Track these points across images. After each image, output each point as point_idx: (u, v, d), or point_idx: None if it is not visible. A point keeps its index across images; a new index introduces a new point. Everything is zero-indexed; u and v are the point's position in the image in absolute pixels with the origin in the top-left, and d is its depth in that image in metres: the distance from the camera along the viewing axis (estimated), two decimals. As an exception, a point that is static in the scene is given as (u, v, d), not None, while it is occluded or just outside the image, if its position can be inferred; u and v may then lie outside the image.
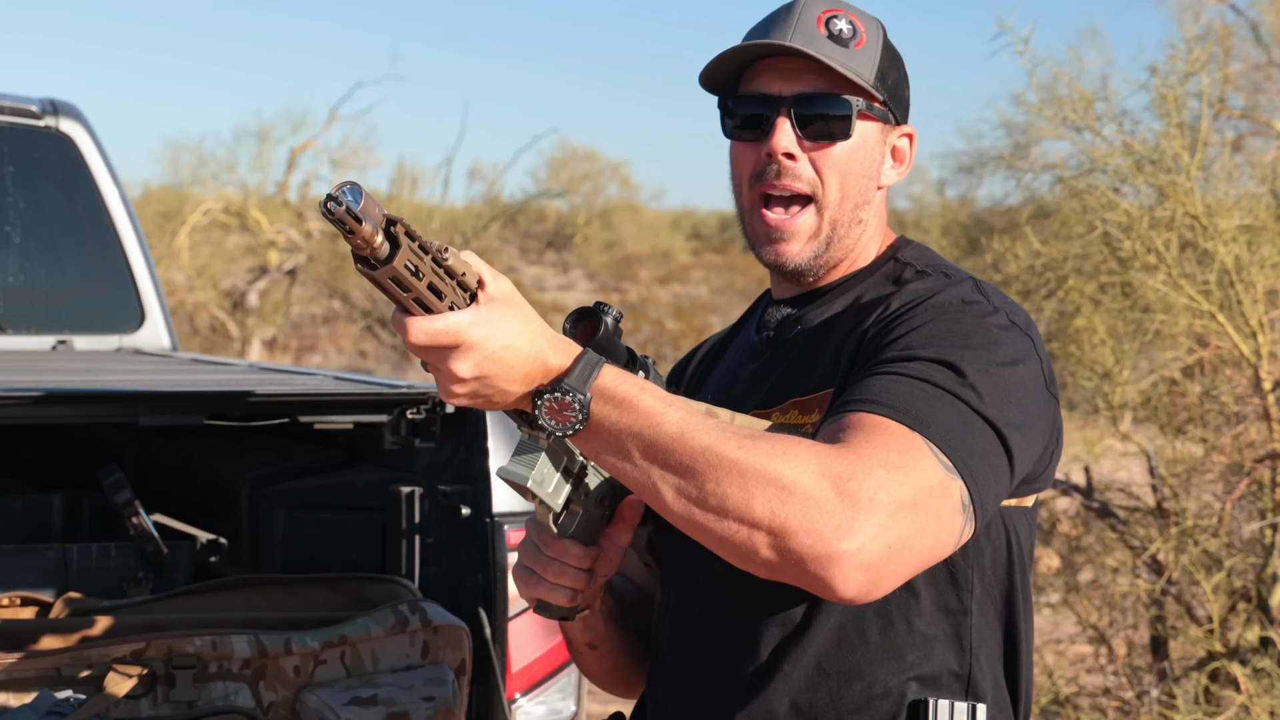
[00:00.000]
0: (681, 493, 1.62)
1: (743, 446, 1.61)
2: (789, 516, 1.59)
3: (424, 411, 3.16)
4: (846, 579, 1.59)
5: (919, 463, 1.64)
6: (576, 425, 1.63)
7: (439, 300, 1.58)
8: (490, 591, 3.11)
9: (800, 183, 1.89)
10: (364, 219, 1.49)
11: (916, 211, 20.51)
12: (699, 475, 1.61)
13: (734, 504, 1.60)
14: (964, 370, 1.73)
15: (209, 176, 21.89)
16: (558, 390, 1.63)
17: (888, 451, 1.64)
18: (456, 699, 2.92)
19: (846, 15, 1.91)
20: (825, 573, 1.59)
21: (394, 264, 1.53)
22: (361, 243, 1.51)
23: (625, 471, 1.65)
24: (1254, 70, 11.82)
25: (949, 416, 1.69)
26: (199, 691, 2.80)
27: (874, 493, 1.60)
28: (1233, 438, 5.67)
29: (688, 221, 35.20)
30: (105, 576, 3.32)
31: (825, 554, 1.58)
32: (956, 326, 1.78)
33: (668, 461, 1.62)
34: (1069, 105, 5.73)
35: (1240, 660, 5.24)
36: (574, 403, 1.63)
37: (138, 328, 4.79)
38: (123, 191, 4.90)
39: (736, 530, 1.61)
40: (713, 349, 2.12)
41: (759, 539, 1.60)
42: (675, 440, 1.62)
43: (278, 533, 3.56)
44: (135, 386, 3.33)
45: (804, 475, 1.59)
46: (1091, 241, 5.90)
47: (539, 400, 1.64)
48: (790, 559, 1.60)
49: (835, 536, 1.58)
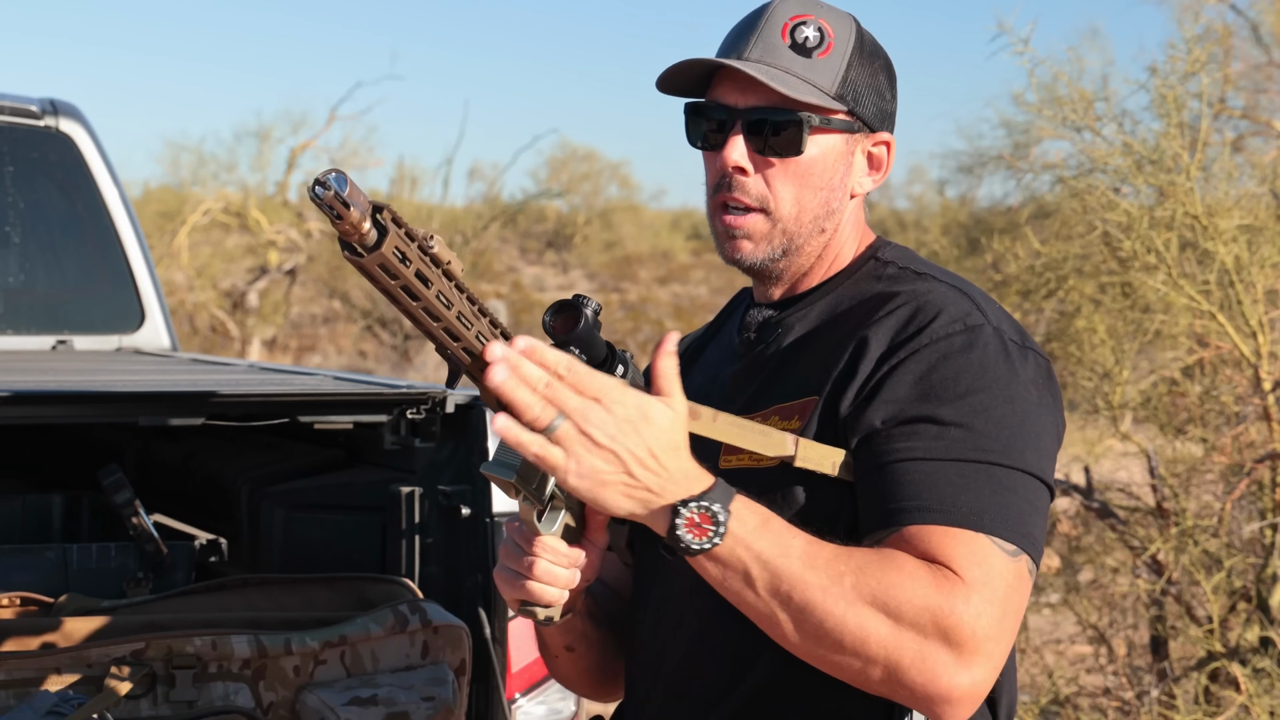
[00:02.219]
0: (800, 626, 1.66)
1: (857, 586, 1.65)
2: (902, 655, 1.64)
3: (424, 411, 3.16)
4: (958, 712, 1.68)
5: (994, 565, 1.69)
6: (714, 540, 1.64)
7: (426, 288, 1.57)
8: (490, 591, 3.11)
9: (749, 198, 1.88)
10: (351, 204, 1.49)
11: (916, 211, 20.54)
12: (818, 612, 1.64)
13: (850, 642, 1.65)
14: (988, 429, 1.74)
15: (209, 176, 21.90)
16: (703, 502, 1.63)
17: (972, 564, 1.68)
18: (456, 699, 2.92)
19: (816, 21, 1.88)
20: (939, 708, 1.67)
21: (382, 250, 1.52)
22: (349, 228, 1.51)
23: (743, 597, 1.67)
24: (1254, 70, 11.83)
25: (994, 492, 1.73)
26: (199, 691, 2.80)
27: (975, 623, 1.66)
28: (1233, 438, 5.67)
29: (688, 221, 35.18)
30: (105, 576, 3.32)
31: (937, 693, 1.66)
32: (967, 366, 1.77)
33: (790, 595, 1.65)
34: (1069, 105, 5.73)
35: (1240, 660, 5.24)
36: (718, 515, 1.63)
37: (138, 328, 4.79)
38: (123, 191, 4.90)
39: (851, 662, 1.66)
40: (691, 347, 2.11)
41: (874, 671, 1.66)
42: (799, 574, 1.65)
43: (278, 533, 3.56)
44: (135, 386, 3.33)
45: (912, 608, 1.64)
46: (1091, 241, 5.90)
47: (682, 509, 1.63)
48: (903, 691, 1.67)
49: (946, 674, 1.65)
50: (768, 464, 1.82)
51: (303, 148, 21.93)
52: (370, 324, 20.79)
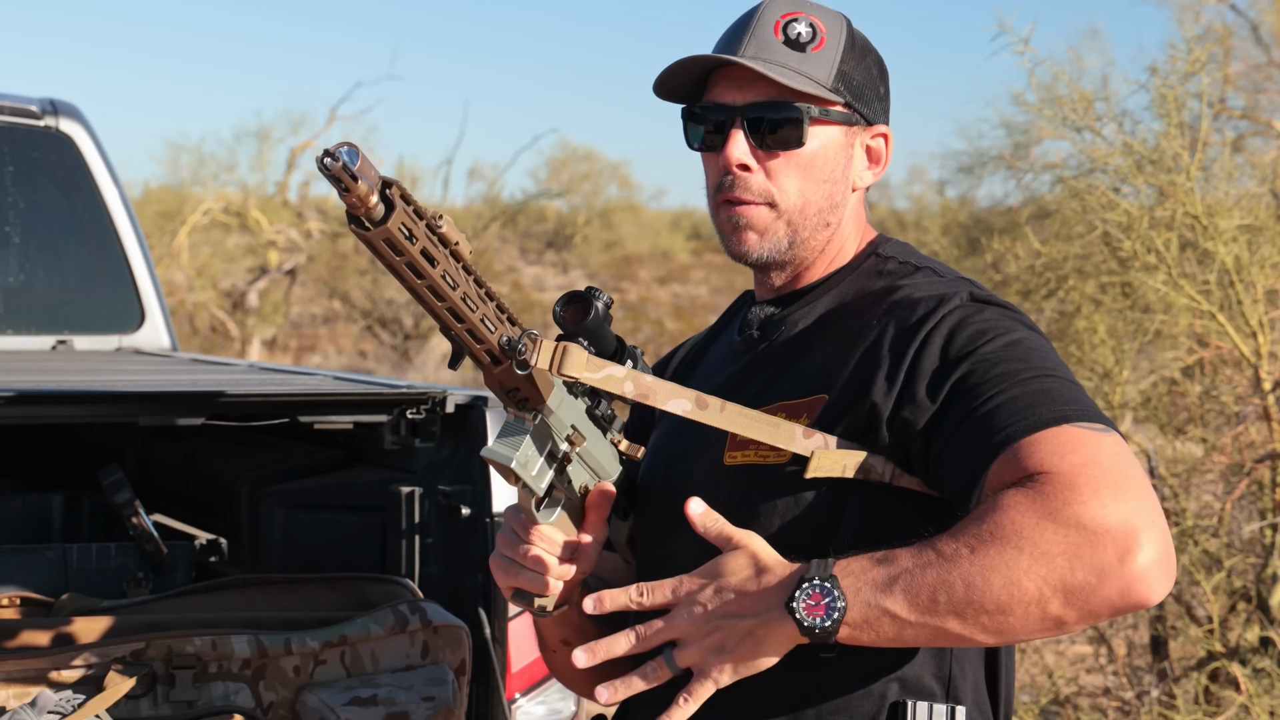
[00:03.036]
0: (963, 617, 1.62)
1: (985, 540, 1.61)
2: (1064, 575, 1.59)
3: (424, 411, 3.16)
4: (1153, 586, 1.60)
5: (1104, 446, 1.65)
6: (839, 607, 1.63)
7: (431, 266, 1.55)
8: (490, 591, 3.11)
9: (751, 194, 1.88)
10: (360, 177, 1.48)
11: (916, 211, 20.54)
12: (970, 596, 1.61)
13: (1017, 597, 1.60)
14: (1027, 356, 1.75)
15: (209, 176, 21.90)
16: (808, 581, 1.64)
17: (1076, 456, 1.64)
18: (456, 699, 2.92)
19: (807, 17, 1.90)
20: (1133, 594, 1.59)
21: (388, 225, 1.51)
22: (356, 201, 1.49)
23: (906, 636, 1.65)
24: (1254, 70, 11.84)
25: (1059, 396, 1.70)
26: (199, 691, 2.80)
27: (1111, 504, 1.60)
28: (1233, 438, 5.67)
29: (688, 221, 35.19)
30: (105, 576, 3.32)
31: (1122, 580, 1.59)
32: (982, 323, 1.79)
33: (935, 602, 1.62)
34: (1069, 105, 5.73)
35: (1240, 660, 5.24)
36: (826, 586, 1.64)
37: (138, 328, 4.79)
38: (123, 191, 4.90)
39: (1035, 613, 1.61)
40: (693, 350, 2.11)
41: (1053, 609, 1.60)
42: (937, 577, 1.62)
43: (278, 533, 3.56)
44: (135, 386, 3.33)
45: (1043, 531, 1.59)
46: (1091, 241, 5.90)
47: (795, 596, 1.64)
48: (1093, 607, 1.60)
49: (1121, 558, 1.58)
50: (774, 460, 1.82)
51: (303, 148, 21.93)
52: (370, 324, 20.79)
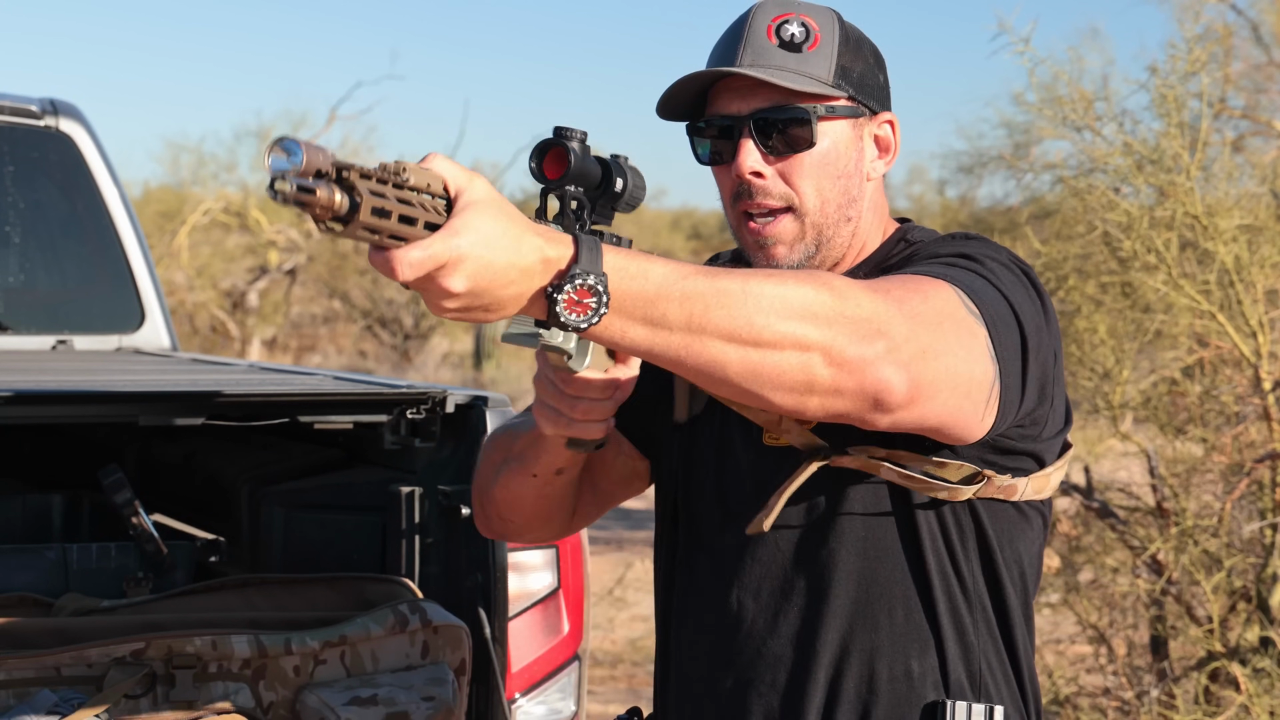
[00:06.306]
0: (733, 338, 1.58)
1: (771, 277, 1.61)
2: (836, 332, 1.59)
3: (424, 411, 3.16)
4: (891, 377, 1.61)
5: (941, 293, 1.68)
6: (602, 310, 1.54)
7: (413, 227, 1.48)
8: (490, 591, 3.11)
9: (772, 199, 1.89)
10: (316, 186, 1.41)
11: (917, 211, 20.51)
12: (746, 314, 1.57)
13: (787, 331, 1.58)
14: (977, 257, 1.79)
15: (209, 176, 21.91)
16: (573, 280, 1.53)
17: (906, 282, 1.68)
18: (456, 699, 2.92)
19: (798, 18, 1.90)
20: (875, 373, 1.60)
21: (359, 216, 1.44)
22: (322, 210, 1.42)
23: (662, 340, 1.58)
24: (1254, 70, 11.83)
25: (965, 276, 1.74)
26: (199, 691, 2.80)
27: (884, 305, 1.62)
28: (1233, 438, 5.66)
29: (688, 221, 35.16)
30: (105, 576, 3.32)
31: (870, 356, 1.60)
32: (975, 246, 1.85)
33: (708, 312, 1.57)
34: (1069, 105, 5.72)
35: (1240, 660, 5.24)
36: (596, 285, 1.53)
37: (138, 328, 4.78)
38: (123, 191, 4.89)
39: (795, 358, 1.59)
40: None
41: (814, 361, 1.59)
42: (709, 288, 1.58)
43: (278, 533, 3.57)
44: (135, 386, 3.33)
45: (829, 293, 1.61)
46: (1091, 241, 5.90)
47: (556, 296, 1.53)
48: (845, 372, 1.60)
49: (866, 339, 1.60)
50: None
51: (303, 148, 21.88)
52: (370, 324, 20.80)
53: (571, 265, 1.53)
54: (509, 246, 1.51)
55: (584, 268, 1.53)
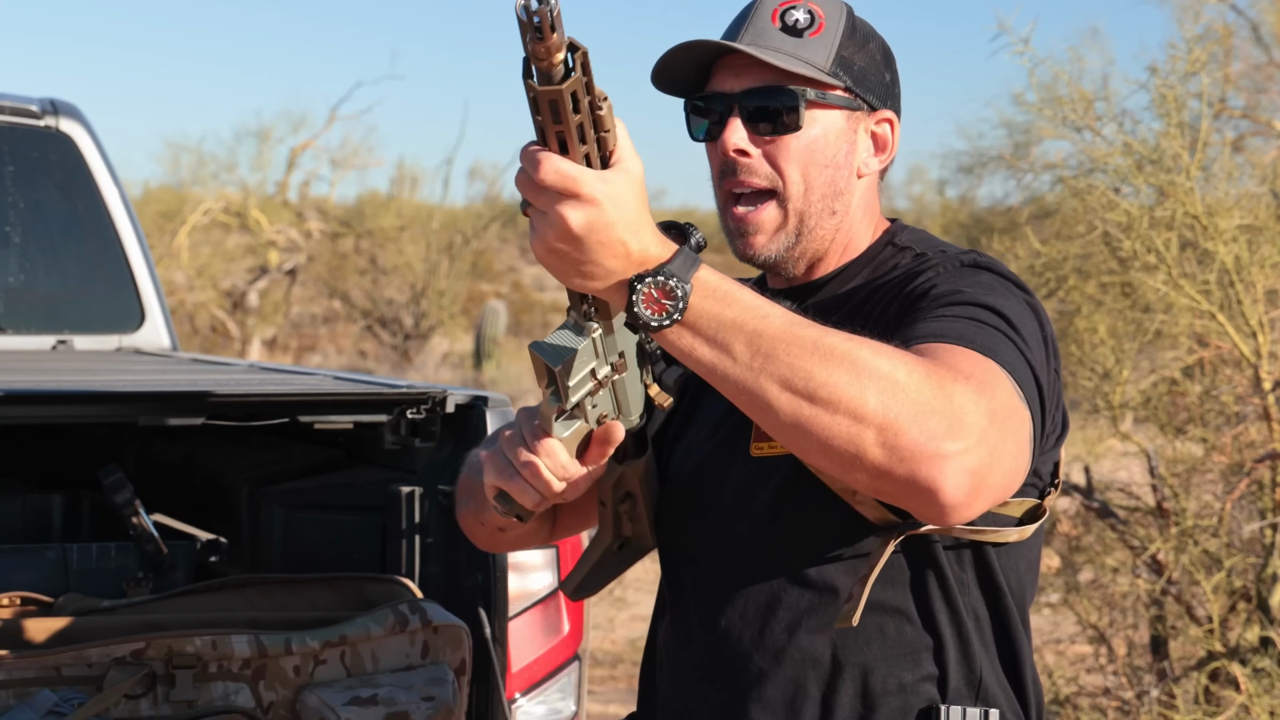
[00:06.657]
0: (788, 386, 1.56)
1: (850, 340, 1.58)
2: (901, 412, 1.54)
3: (424, 411, 3.16)
4: (956, 481, 1.56)
5: (1000, 381, 1.64)
6: (675, 315, 1.55)
7: (580, 145, 1.51)
8: (490, 591, 3.11)
9: (757, 178, 1.88)
10: (557, 28, 1.42)
11: (916, 211, 20.54)
12: (809, 367, 1.55)
13: (846, 396, 1.54)
14: (1008, 315, 1.74)
15: (209, 176, 21.92)
16: (660, 275, 1.55)
17: (973, 367, 1.63)
18: (456, 699, 2.92)
19: (805, 4, 1.89)
20: (936, 471, 1.55)
21: (561, 87, 1.45)
22: (544, 51, 1.43)
23: (724, 367, 1.57)
24: (1254, 70, 11.84)
25: (1009, 352, 1.70)
26: (199, 691, 2.80)
27: (972, 401, 1.58)
28: (1233, 438, 5.66)
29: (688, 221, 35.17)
30: (105, 576, 3.32)
31: (936, 452, 1.54)
32: (975, 278, 1.80)
33: (774, 353, 1.56)
34: (1069, 105, 5.73)
35: (1240, 660, 5.24)
36: (676, 290, 1.55)
37: (138, 328, 4.78)
38: (123, 191, 4.89)
39: (847, 427, 1.55)
40: None
41: (868, 436, 1.54)
42: (783, 331, 1.57)
43: (278, 533, 3.56)
44: (135, 386, 3.33)
45: (913, 376, 1.56)
46: (1091, 241, 5.90)
47: (638, 285, 1.55)
48: (900, 456, 1.55)
49: (946, 435, 1.55)
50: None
51: (303, 148, 21.96)
52: (370, 324, 20.80)
53: (664, 265, 1.56)
54: (632, 222, 1.54)
55: (673, 270, 1.55)
